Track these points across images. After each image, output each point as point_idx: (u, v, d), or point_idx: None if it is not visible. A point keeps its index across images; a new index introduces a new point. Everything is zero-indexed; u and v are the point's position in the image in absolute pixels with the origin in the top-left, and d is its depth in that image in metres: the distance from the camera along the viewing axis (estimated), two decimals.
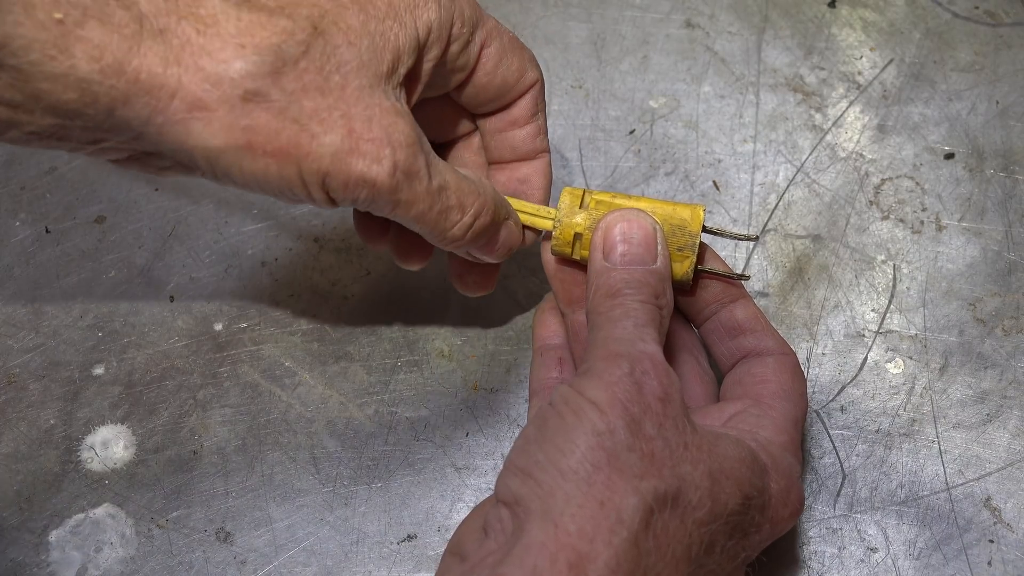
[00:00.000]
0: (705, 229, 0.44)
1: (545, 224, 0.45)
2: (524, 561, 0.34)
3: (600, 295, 0.41)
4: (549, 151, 0.47)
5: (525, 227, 0.46)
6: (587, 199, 0.44)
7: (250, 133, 0.36)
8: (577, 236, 0.44)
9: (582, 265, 0.45)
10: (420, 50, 0.41)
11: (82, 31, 0.33)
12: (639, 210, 0.43)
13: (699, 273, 0.45)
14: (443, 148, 0.49)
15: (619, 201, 0.44)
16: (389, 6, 0.39)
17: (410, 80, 0.41)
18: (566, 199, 0.45)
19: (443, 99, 0.46)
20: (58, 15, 0.33)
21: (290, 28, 0.37)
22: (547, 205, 0.47)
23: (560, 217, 0.44)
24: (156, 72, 0.35)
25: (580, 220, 0.44)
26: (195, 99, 0.35)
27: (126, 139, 0.36)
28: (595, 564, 0.33)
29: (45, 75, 0.33)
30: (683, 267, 0.44)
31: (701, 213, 0.44)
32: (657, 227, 0.43)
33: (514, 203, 0.46)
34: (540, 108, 0.46)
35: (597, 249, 0.43)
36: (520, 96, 0.46)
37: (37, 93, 0.34)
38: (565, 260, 0.45)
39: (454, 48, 0.42)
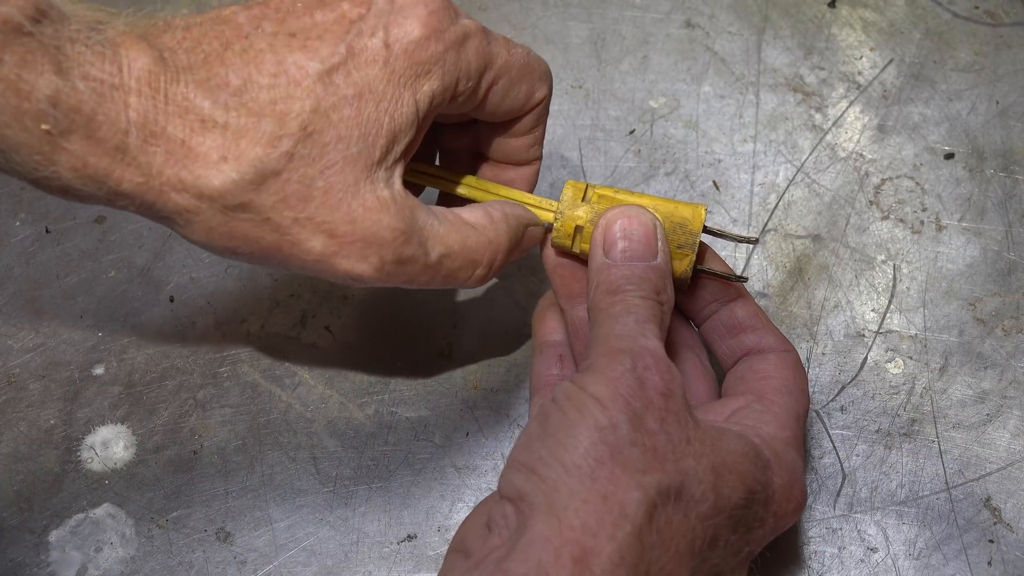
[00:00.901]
0: (706, 230, 0.44)
1: (546, 216, 0.45)
2: (528, 556, 0.34)
3: (601, 291, 0.41)
4: (541, 158, 0.47)
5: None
6: (590, 193, 0.44)
7: (229, 239, 0.37)
8: (578, 229, 0.44)
9: (582, 259, 0.45)
10: (420, 121, 0.40)
11: (66, 143, 0.34)
12: (640, 206, 0.43)
13: (698, 272, 0.45)
14: (438, 130, 0.49)
15: (621, 196, 0.44)
16: (388, 82, 0.38)
17: (407, 147, 0.40)
18: (569, 192, 0.45)
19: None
20: (46, 126, 0.34)
21: (276, 135, 0.36)
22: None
23: (562, 209, 0.44)
24: (138, 182, 0.35)
25: (582, 213, 0.44)
26: (176, 207, 0.36)
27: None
28: (599, 558, 0.34)
29: (30, 174, 0.35)
30: (682, 265, 0.44)
31: (702, 212, 0.44)
32: (658, 224, 0.43)
33: (515, 194, 0.46)
34: (541, 120, 0.46)
35: (597, 245, 0.43)
36: (526, 113, 0.45)
37: (26, 182, 0.35)
38: (565, 253, 0.45)
39: (459, 100, 0.42)
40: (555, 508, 0.34)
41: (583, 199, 0.44)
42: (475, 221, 0.42)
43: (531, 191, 0.47)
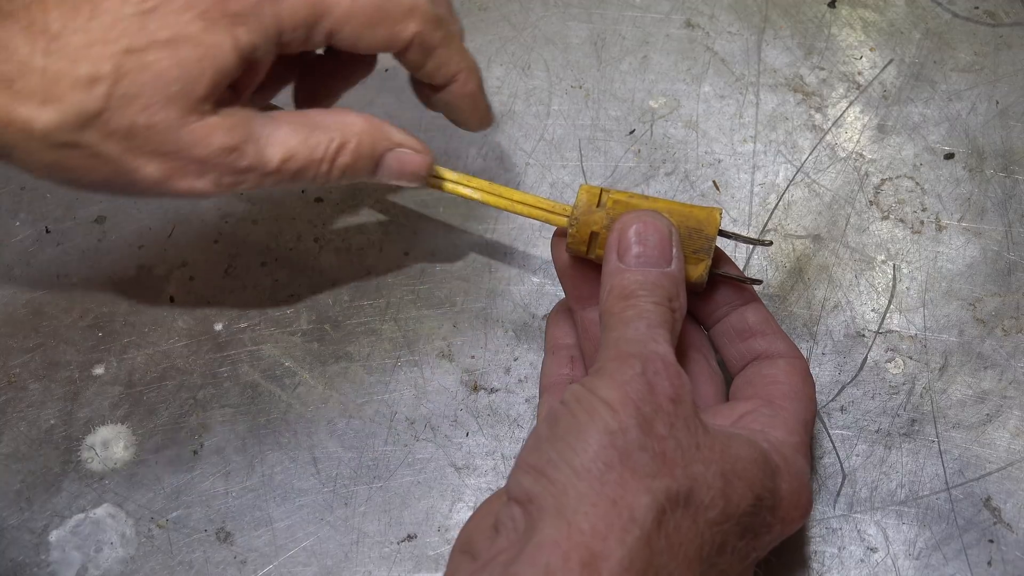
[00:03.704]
0: (720, 232, 0.44)
1: (560, 221, 0.45)
2: (536, 559, 0.34)
3: (614, 296, 0.41)
4: (467, 64, 0.46)
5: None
6: (604, 198, 0.44)
7: (65, 172, 0.39)
8: (594, 235, 0.44)
9: (594, 264, 0.45)
10: (248, 62, 0.40)
11: None
12: (655, 212, 0.43)
13: (712, 276, 0.45)
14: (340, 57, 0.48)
15: (636, 201, 0.44)
16: (203, 28, 0.39)
17: (247, 76, 0.41)
18: (583, 197, 0.44)
19: (331, 59, 0.47)
20: None
21: (92, 78, 0.37)
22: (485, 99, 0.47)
23: (577, 215, 0.44)
24: None
25: (598, 219, 0.44)
26: (8, 142, 0.38)
27: None
28: (608, 563, 0.33)
29: None
30: (698, 270, 0.43)
31: (718, 216, 0.43)
32: (673, 230, 0.43)
33: (528, 198, 0.46)
34: (435, 48, 0.45)
35: (612, 250, 0.42)
36: (405, 48, 0.44)
37: None
38: (578, 258, 0.45)
39: (293, 46, 0.42)
40: (564, 511, 0.34)
41: (598, 204, 0.44)
42: (321, 120, 0.43)
43: (481, 98, 0.48)
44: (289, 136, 0.42)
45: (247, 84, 0.42)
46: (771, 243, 0.50)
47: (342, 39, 0.43)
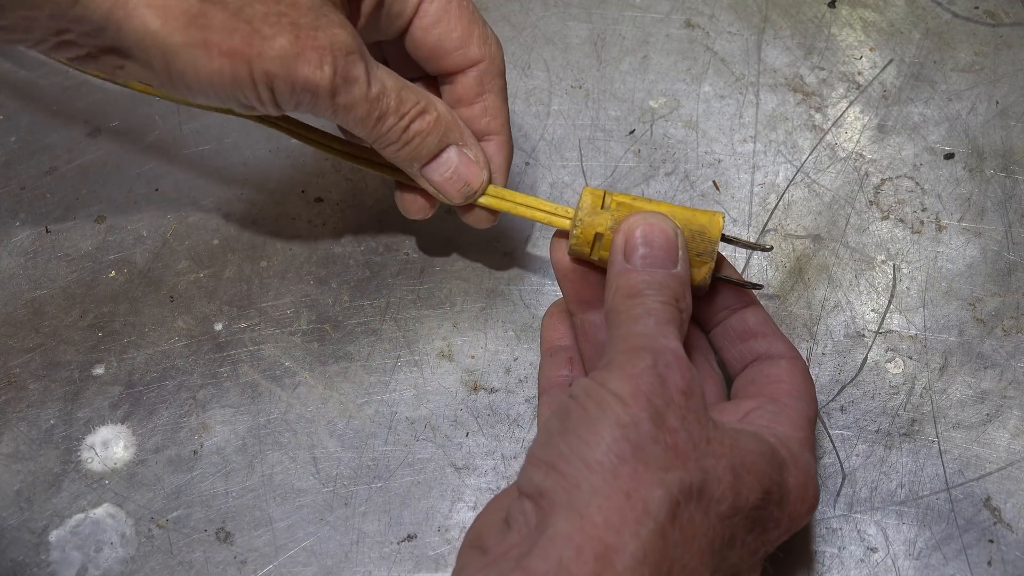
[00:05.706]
0: (722, 237, 0.44)
1: (563, 223, 0.45)
2: (550, 553, 0.34)
3: (620, 295, 0.41)
4: (504, 134, 0.48)
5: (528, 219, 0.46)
6: (608, 200, 0.44)
7: (206, 31, 0.38)
8: (598, 237, 0.44)
9: (598, 266, 0.45)
10: None
11: None
12: (661, 214, 0.43)
13: (715, 280, 0.45)
14: None
15: (640, 204, 0.44)
16: None
17: (352, 3, 0.43)
18: (587, 199, 0.44)
19: (400, 51, 0.47)
20: None
21: None
22: (506, 187, 0.47)
23: (581, 216, 0.44)
24: None
25: (603, 221, 0.44)
26: (143, 25, 0.37)
27: (87, 31, 0.37)
28: (622, 555, 0.33)
29: None
30: (701, 273, 0.43)
31: (720, 220, 0.44)
32: (678, 232, 0.43)
33: (531, 201, 0.46)
34: (488, 89, 0.47)
35: (618, 251, 0.43)
36: (461, 71, 0.46)
37: None
38: (579, 260, 0.45)
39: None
40: (577, 505, 0.34)
41: (602, 206, 0.44)
42: (412, 85, 0.44)
43: (507, 167, 0.48)
44: (388, 76, 0.43)
45: (352, 19, 0.43)
46: (771, 248, 0.50)
47: (424, 16, 0.45)
